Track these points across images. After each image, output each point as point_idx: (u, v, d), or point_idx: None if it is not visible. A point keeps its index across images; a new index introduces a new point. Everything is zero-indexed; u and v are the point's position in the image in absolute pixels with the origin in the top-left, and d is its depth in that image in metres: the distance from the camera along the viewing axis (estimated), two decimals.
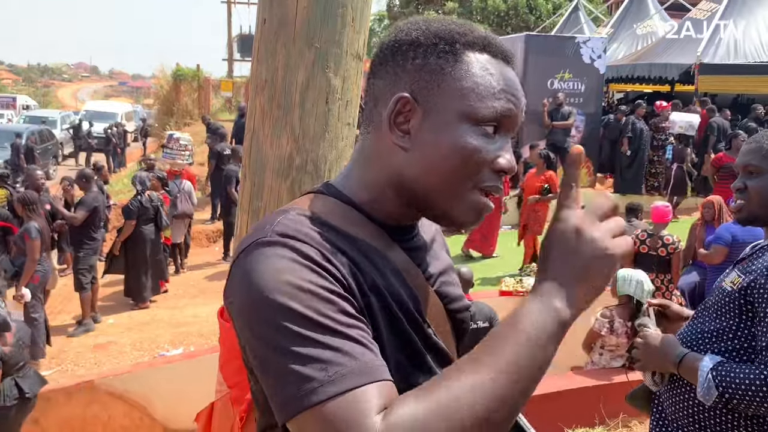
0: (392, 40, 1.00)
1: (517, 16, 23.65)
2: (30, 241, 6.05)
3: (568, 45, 10.95)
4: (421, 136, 0.95)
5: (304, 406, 0.79)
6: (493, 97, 0.95)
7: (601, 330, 4.80)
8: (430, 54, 0.96)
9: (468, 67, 0.95)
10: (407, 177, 0.97)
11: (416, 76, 0.96)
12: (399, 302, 0.96)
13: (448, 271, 1.15)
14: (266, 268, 0.86)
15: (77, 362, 6.43)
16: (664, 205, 6.05)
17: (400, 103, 0.96)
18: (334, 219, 0.97)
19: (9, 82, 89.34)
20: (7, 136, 18.76)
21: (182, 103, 22.21)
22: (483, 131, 0.95)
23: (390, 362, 0.88)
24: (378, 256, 0.97)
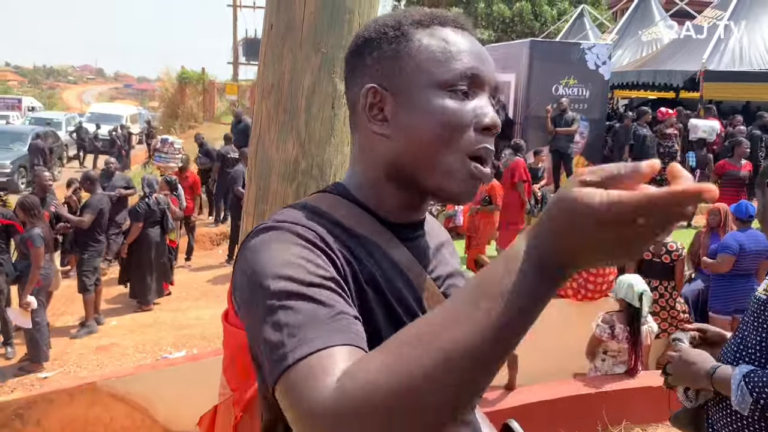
0: (351, 47, 1.04)
1: (522, 22, 23.65)
2: (34, 249, 6.01)
3: (573, 51, 10.95)
4: (398, 119, 0.97)
5: (280, 372, 0.76)
6: (453, 59, 0.96)
7: (603, 336, 4.80)
8: (383, 43, 0.99)
9: (420, 42, 0.98)
10: (398, 162, 0.99)
11: (376, 66, 0.99)
12: (398, 298, 0.97)
13: (456, 276, 1.15)
14: (264, 248, 0.88)
15: (80, 364, 6.44)
16: None
17: (369, 95, 0.99)
18: (338, 214, 1.00)
19: (15, 84, 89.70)
20: (11, 138, 18.84)
21: (187, 106, 22.29)
22: (454, 95, 0.95)
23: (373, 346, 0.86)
24: (379, 252, 0.99)
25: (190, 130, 20.71)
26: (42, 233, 6.13)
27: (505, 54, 12.20)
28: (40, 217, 6.32)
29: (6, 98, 41.74)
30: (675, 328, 5.90)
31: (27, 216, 6.20)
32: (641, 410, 4.64)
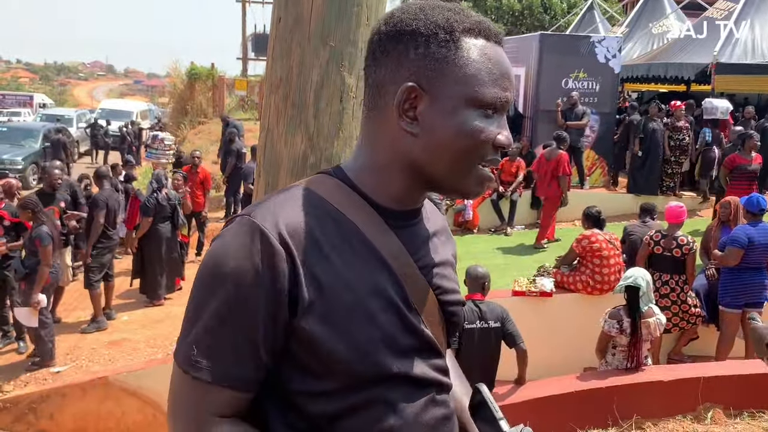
0: (392, 30, 1.04)
1: (531, 15, 23.54)
2: (42, 248, 6.03)
3: (583, 44, 10.88)
4: (429, 121, 1.02)
5: (180, 365, 1.00)
6: (494, 83, 1.03)
7: (611, 331, 4.79)
8: (432, 43, 1.01)
9: (468, 53, 1.01)
10: (418, 159, 1.04)
11: (420, 64, 1.01)
12: (372, 289, 1.02)
13: (446, 265, 1.19)
14: (229, 245, 0.99)
15: (92, 358, 6.49)
16: (679, 206, 6.01)
17: (407, 92, 1.01)
18: (332, 199, 1.05)
19: (26, 81, 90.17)
20: (23, 134, 18.96)
21: (196, 101, 22.33)
22: (485, 113, 1.02)
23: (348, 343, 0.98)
24: (363, 244, 1.04)
25: (200, 125, 20.76)
26: (49, 231, 6.15)
27: (515, 47, 12.14)
28: (44, 214, 6.33)
29: (18, 95, 42.01)
30: (686, 323, 5.88)
31: (31, 215, 6.22)
32: (652, 405, 4.63)
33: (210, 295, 0.98)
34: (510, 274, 7.08)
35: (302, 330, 0.98)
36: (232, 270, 0.96)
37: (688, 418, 4.55)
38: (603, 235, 6.06)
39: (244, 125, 19.18)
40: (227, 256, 0.98)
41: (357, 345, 0.99)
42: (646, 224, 6.60)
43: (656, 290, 5.59)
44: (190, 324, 1.00)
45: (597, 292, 5.99)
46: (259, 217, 0.99)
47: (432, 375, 1.09)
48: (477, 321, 4.48)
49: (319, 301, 0.98)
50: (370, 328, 1.00)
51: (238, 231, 0.99)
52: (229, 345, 0.97)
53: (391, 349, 1.02)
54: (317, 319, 0.98)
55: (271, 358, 1.00)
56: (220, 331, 0.97)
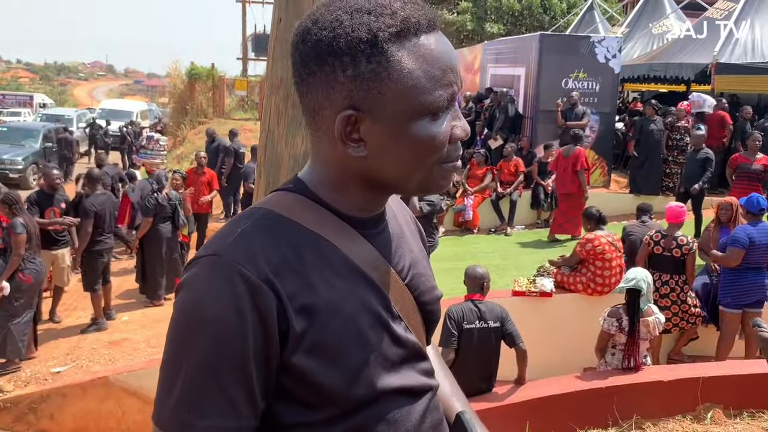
0: (312, 50, 0.94)
1: (531, 15, 23.53)
2: (15, 236, 6.04)
3: (583, 44, 10.89)
4: (376, 141, 0.95)
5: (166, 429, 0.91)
6: (437, 85, 0.94)
7: (611, 330, 4.80)
8: (359, 62, 0.92)
9: (401, 64, 0.92)
10: (373, 176, 0.99)
11: (352, 87, 0.93)
12: (358, 308, 0.98)
13: (420, 260, 1.16)
14: (203, 291, 0.91)
15: (92, 358, 6.49)
16: (678, 206, 6.01)
17: (345, 121, 0.94)
18: (302, 219, 0.99)
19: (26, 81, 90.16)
20: (23, 134, 18.98)
21: (197, 101, 22.32)
22: (434, 117, 0.95)
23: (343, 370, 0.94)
24: (341, 261, 0.99)
25: (200, 125, 20.75)
26: (24, 222, 6.16)
27: (515, 48, 12.15)
28: (23, 211, 6.35)
29: (18, 95, 42.03)
30: (686, 323, 5.89)
31: (10, 210, 6.23)
32: (652, 405, 4.63)
33: (192, 347, 0.89)
34: (510, 274, 7.08)
35: (295, 365, 0.92)
36: (214, 317, 0.88)
37: (687, 418, 4.56)
38: (605, 237, 6.06)
39: (243, 125, 19.22)
40: (205, 303, 0.89)
41: (351, 370, 0.95)
42: (646, 224, 6.61)
43: (656, 290, 5.60)
44: (171, 382, 0.91)
45: (597, 294, 6.00)
46: (231, 255, 0.91)
47: (424, 381, 1.07)
48: (476, 321, 4.48)
49: (308, 332, 0.93)
50: (361, 349, 0.96)
51: (211, 275, 0.91)
52: (222, 397, 0.89)
53: (383, 366, 0.99)
54: (309, 352, 0.93)
55: (266, 399, 0.94)
56: (210, 383, 0.89)
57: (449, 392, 1.25)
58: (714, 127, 10.65)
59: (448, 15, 24.16)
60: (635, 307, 4.71)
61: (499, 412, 4.51)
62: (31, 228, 6.25)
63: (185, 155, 18.21)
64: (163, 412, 0.92)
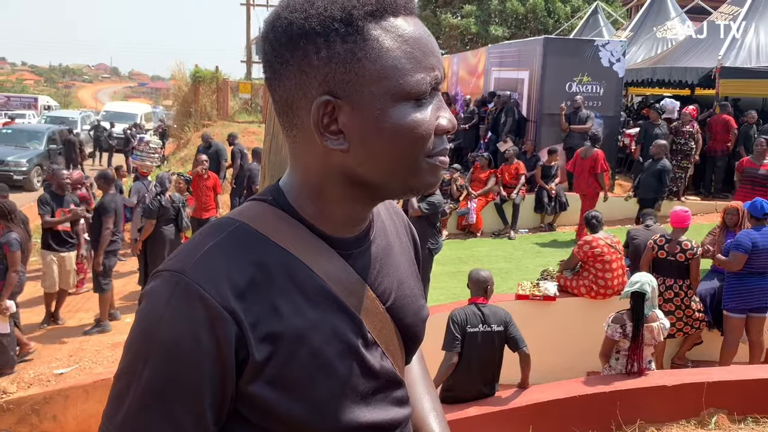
0: (283, 36, 0.88)
1: (535, 19, 23.54)
2: (11, 254, 5.99)
3: (587, 48, 10.89)
4: (356, 131, 0.88)
5: None
6: (418, 67, 0.88)
7: (615, 336, 4.79)
8: (333, 42, 0.86)
9: (379, 43, 0.86)
10: (355, 174, 0.92)
11: (327, 70, 0.86)
12: (328, 337, 0.92)
13: (408, 279, 1.10)
14: (160, 310, 0.86)
15: (95, 360, 6.49)
16: (683, 210, 6.00)
17: (322, 108, 0.87)
18: (275, 236, 0.93)
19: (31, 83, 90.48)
20: (27, 136, 19.04)
21: (201, 104, 22.35)
22: (417, 103, 0.89)
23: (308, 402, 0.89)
24: (314, 284, 0.93)
25: (204, 128, 20.77)
26: (18, 238, 6.11)
27: (519, 51, 12.15)
28: (16, 222, 6.26)
29: (22, 97, 42.18)
30: (690, 328, 5.87)
31: (4, 221, 6.16)
32: (656, 409, 4.62)
33: (141, 366, 0.85)
34: (513, 278, 7.08)
35: (252, 395, 0.87)
36: (168, 340, 0.84)
37: (692, 423, 4.54)
38: (604, 239, 6.05)
39: (247, 128, 19.25)
40: (161, 322, 0.84)
41: (315, 402, 0.90)
42: (650, 228, 6.60)
43: (660, 295, 5.58)
44: (119, 399, 0.87)
45: (600, 297, 5.99)
46: (195, 275, 0.85)
47: (395, 414, 1.01)
48: (480, 325, 4.48)
49: (270, 361, 0.87)
50: (328, 381, 0.91)
51: (172, 293, 0.85)
52: (169, 421, 0.84)
53: (351, 399, 0.93)
54: (269, 381, 0.87)
55: (218, 426, 0.88)
56: (158, 406, 0.84)
57: (428, 409, 1.21)
58: (719, 131, 10.64)
59: (452, 18, 24.19)
60: (640, 311, 4.70)
61: (502, 416, 4.50)
62: (24, 242, 6.21)
63: (189, 158, 18.23)
64: (108, 429, 0.88)
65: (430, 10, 25.76)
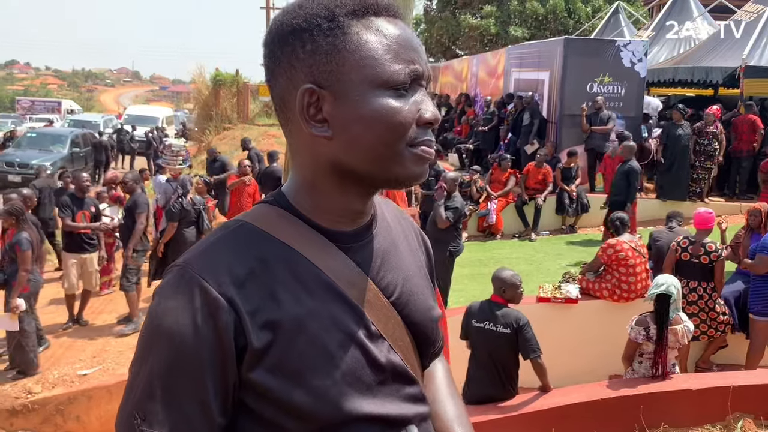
0: (276, 35, 0.97)
1: (555, 20, 23.40)
2: (21, 252, 6.06)
3: (608, 48, 10.79)
4: (339, 119, 0.93)
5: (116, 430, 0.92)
6: (396, 58, 0.94)
7: (638, 338, 4.73)
8: (317, 36, 0.93)
9: (359, 36, 0.93)
10: (341, 162, 0.96)
11: (311, 62, 0.93)
12: (327, 325, 0.94)
13: (415, 278, 1.10)
14: (165, 302, 0.92)
15: (118, 361, 6.56)
16: (707, 212, 5.92)
17: (306, 95, 0.94)
18: (276, 232, 0.97)
19: (54, 87, 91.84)
20: (51, 140, 19.30)
21: (221, 107, 22.53)
22: (396, 93, 0.93)
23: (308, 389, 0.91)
24: (313, 276, 0.96)
25: (225, 131, 20.94)
26: (29, 237, 6.17)
27: (539, 52, 12.08)
28: (27, 223, 6.33)
29: (47, 101, 42.81)
30: (715, 331, 5.78)
31: (15, 222, 6.23)
32: (680, 413, 4.56)
33: (149, 355, 0.91)
34: (534, 281, 7.02)
35: (255, 382, 0.90)
36: (170, 328, 0.89)
37: (717, 427, 4.48)
38: (628, 242, 5.99)
39: (267, 131, 19.35)
40: (164, 313, 0.90)
41: (316, 389, 0.91)
42: (673, 230, 6.52)
43: (684, 297, 5.51)
44: (130, 388, 0.92)
45: (623, 300, 5.92)
46: (196, 267, 0.92)
47: (406, 410, 1.01)
48: (485, 322, 4.49)
49: (270, 349, 0.90)
50: (328, 368, 0.92)
51: (176, 285, 0.92)
52: (174, 408, 0.88)
53: (355, 388, 0.94)
54: (270, 369, 0.90)
55: (225, 416, 0.92)
56: (162, 393, 0.89)
57: (452, 416, 1.19)
58: (745, 131, 10.49)
59: (471, 19, 24.12)
60: (664, 313, 4.63)
61: (524, 419, 4.47)
62: (35, 242, 6.28)
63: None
64: (120, 416, 0.92)
65: (449, 11, 25.70)
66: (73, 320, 7.69)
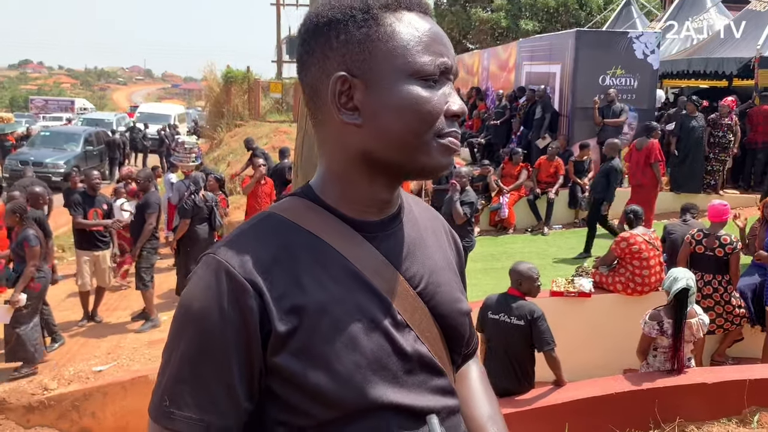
0: (310, 27, 1.00)
1: (567, 12, 23.24)
2: (30, 249, 6.10)
3: (620, 40, 10.69)
4: (369, 107, 0.96)
5: (152, 417, 0.95)
6: (426, 49, 0.96)
7: (652, 333, 4.70)
8: (351, 26, 0.96)
9: (392, 27, 0.96)
10: (370, 150, 0.98)
11: (345, 51, 0.96)
12: (352, 311, 0.95)
13: (442, 271, 1.10)
14: (194, 287, 0.95)
15: (132, 357, 6.60)
16: (722, 204, 5.86)
17: (338, 83, 0.96)
18: (302, 221, 1.00)
19: (67, 86, 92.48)
20: (65, 138, 19.45)
21: (233, 104, 22.57)
22: (425, 83, 0.96)
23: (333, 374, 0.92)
24: (338, 264, 0.97)
25: (236, 128, 20.99)
26: (36, 233, 6.22)
27: (551, 45, 12.00)
28: (29, 220, 6.36)
29: (60, 100, 43.13)
30: (730, 324, 5.73)
31: (19, 220, 6.27)
32: (695, 407, 4.52)
33: (178, 340, 0.93)
34: (547, 275, 6.98)
35: (280, 367, 0.92)
36: (197, 312, 0.92)
37: (733, 421, 4.44)
38: (642, 236, 5.94)
39: (278, 127, 19.37)
40: (193, 298, 0.93)
41: (341, 374, 0.92)
42: (687, 223, 6.46)
43: (698, 290, 5.46)
44: (162, 373, 0.95)
45: (637, 294, 5.88)
46: (224, 254, 0.94)
47: (433, 402, 1.01)
48: (501, 314, 4.52)
49: (294, 333, 0.92)
50: (353, 354, 0.93)
51: (204, 271, 0.95)
52: (202, 391, 0.91)
53: (380, 376, 0.94)
54: (294, 353, 0.92)
55: (251, 401, 0.94)
56: (191, 377, 0.91)
57: (487, 416, 1.18)
58: (761, 122, 10.37)
59: (482, 12, 24.01)
60: (683, 308, 4.58)
61: (538, 413, 4.45)
62: (41, 239, 6.32)
63: (222, 157, 18.44)
64: (153, 400, 0.95)
65: (459, 5, 25.58)
66: (87, 317, 7.75)
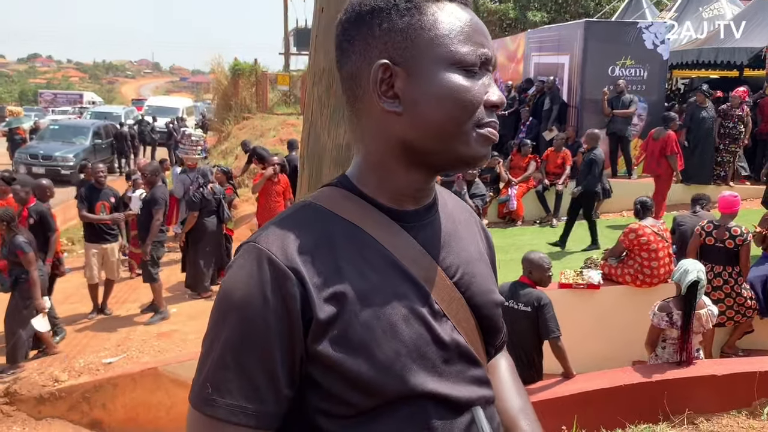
0: (352, 15, 1.00)
1: (576, 2, 23.07)
2: (25, 256, 6.08)
3: (630, 31, 10.61)
4: (410, 95, 0.96)
5: (193, 404, 0.94)
6: (468, 39, 0.97)
7: (661, 324, 4.68)
8: (394, 15, 0.97)
9: (434, 16, 0.97)
10: (409, 139, 0.98)
11: (387, 39, 0.97)
12: (391, 299, 0.96)
13: (476, 262, 1.11)
14: (236, 275, 0.95)
15: (142, 350, 6.63)
16: (732, 195, 5.82)
17: (380, 71, 0.97)
18: (340, 210, 1.00)
19: (76, 80, 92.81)
20: (73, 132, 19.52)
21: (240, 97, 22.57)
22: (466, 73, 0.97)
23: (373, 361, 0.92)
24: (376, 252, 0.98)
25: (245, 121, 21.00)
26: (26, 239, 6.18)
27: (559, 35, 11.93)
28: (17, 227, 6.27)
29: (69, 94, 43.30)
30: (741, 316, 5.70)
31: (7, 228, 6.18)
32: (705, 399, 4.51)
33: (221, 327, 0.93)
34: (556, 267, 6.96)
35: (321, 354, 0.92)
36: (240, 299, 0.92)
37: (743, 413, 4.42)
38: (651, 227, 5.91)
39: (286, 120, 19.37)
40: (235, 286, 0.94)
41: (381, 362, 0.93)
42: (697, 214, 6.42)
43: (708, 282, 5.43)
44: (203, 359, 0.95)
45: (646, 285, 5.86)
46: (265, 242, 0.95)
47: (470, 392, 1.02)
48: (509, 300, 4.55)
49: (335, 321, 0.92)
50: (393, 342, 0.93)
51: (245, 259, 0.95)
52: (244, 378, 0.91)
53: (419, 364, 0.95)
54: (335, 341, 0.92)
55: (292, 388, 0.94)
56: (234, 364, 0.92)
57: (518, 408, 1.20)
58: None
59: (490, 3, 23.88)
60: (693, 299, 4.56)
61: (547, 405, 4.45)
62: (33, 242, 6.29)
63: (230, 150, 18.46)
64: (193, 387, 0.95)
65: None
66: (97, 310, 7.79)
